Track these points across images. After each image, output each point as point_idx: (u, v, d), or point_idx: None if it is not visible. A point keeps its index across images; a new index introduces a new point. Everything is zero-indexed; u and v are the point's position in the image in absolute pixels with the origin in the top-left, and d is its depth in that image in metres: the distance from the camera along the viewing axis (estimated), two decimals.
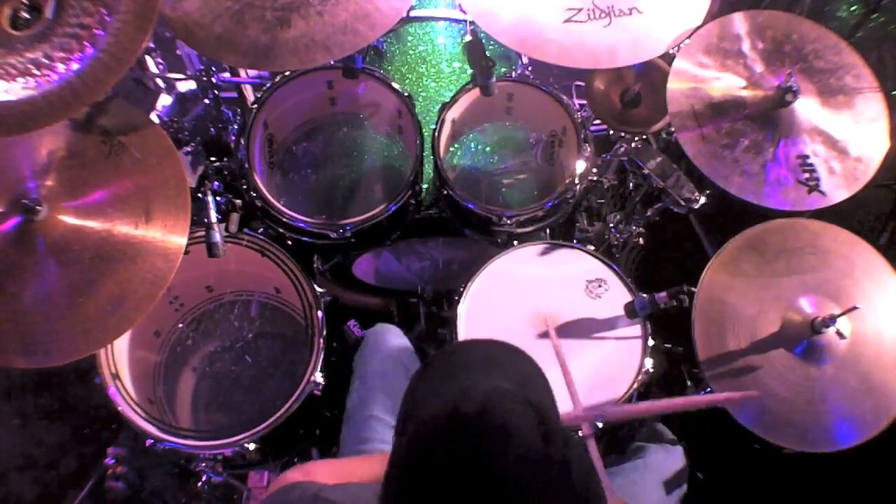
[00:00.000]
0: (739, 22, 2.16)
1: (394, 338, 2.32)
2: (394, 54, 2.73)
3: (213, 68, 2.67)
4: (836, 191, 2.05)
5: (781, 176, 2.03)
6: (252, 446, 2.12)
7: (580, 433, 1.81)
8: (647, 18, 2.10)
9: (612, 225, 2.86)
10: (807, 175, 2.02)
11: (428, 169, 2.58)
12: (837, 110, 2.11)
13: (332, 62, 2.36)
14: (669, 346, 2.67)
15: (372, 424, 2.06)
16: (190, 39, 1.95)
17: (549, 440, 0.99)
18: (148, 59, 2.93)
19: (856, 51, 2.17)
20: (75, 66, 1.75)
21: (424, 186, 2.62)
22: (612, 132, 2.60)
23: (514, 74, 2.60)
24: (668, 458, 2.10)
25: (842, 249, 2.12)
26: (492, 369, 1.11)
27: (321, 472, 1.56)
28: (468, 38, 2.34)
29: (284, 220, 2.35)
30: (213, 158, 2.74)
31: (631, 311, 2.18)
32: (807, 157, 2.04)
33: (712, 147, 2.03)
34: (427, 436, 1.02)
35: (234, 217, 2.25)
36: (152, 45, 2.91)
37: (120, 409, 2.13)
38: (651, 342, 2.20)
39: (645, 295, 2.16)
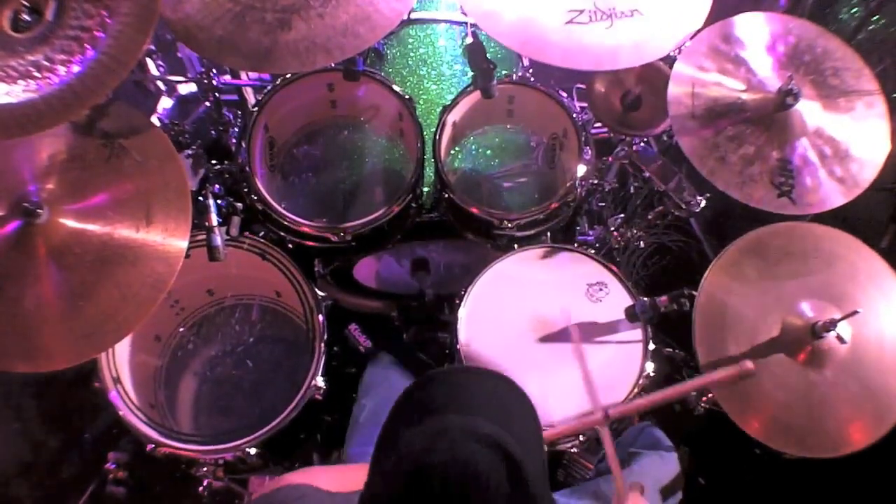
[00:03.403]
0: (744, 24, 2.16)
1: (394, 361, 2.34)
2: (394, 57, 2.72)
3: (214, 71, 2.67)
4: (837, 194, 2.05)
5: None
6: (253, 451, 2.11)
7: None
8: (649, 21, 2.09)
9: (612, 228, 2.85)
10: (782, 179, 2.02)
11: (429, 172, 2.57)
12: (838, 113, 2.10)
13: (332, 65, 2.36)
14: (670, 349, 2.67)
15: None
16: (190, 42, 1.95)
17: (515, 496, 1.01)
18: (149, 61, 2.93)
19: (857, 53, 2.17)
20: (76, 68, 1.75)
21: (425, 189, 2.61)
22: (612, 135, 2.60)
23: (515, 77, 2.60)
24: (663, 465, 2.10)
25: (844, 253, 2.11)
26: (470, 406, 1.10)
27: (322, 477, 1.55)
28: (469, 40, 2.35)
29: (285, 223, 2.35)
30: (213, 161, 2.74)
31: (632, 314, 2.18)
32: (789, 161, 2.04)
33: (712, 150, 2.03)
34: (396, 484, 1.03)
35: (235, 220, 2.25)
36: (153, 47, 2.91)
37: (121, 413, 2.13)
38: (652, 346, 2.20)
39: (646, 298, 2.15)
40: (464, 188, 2.48)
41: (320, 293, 2.31)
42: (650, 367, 2.17)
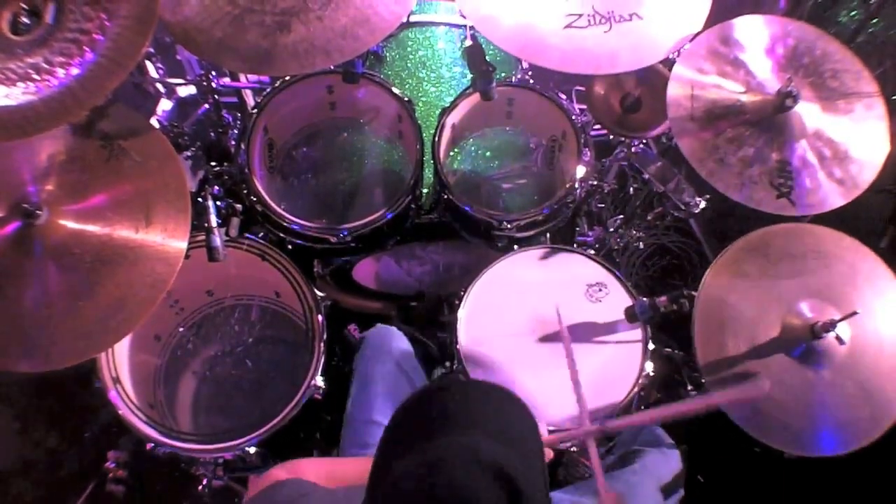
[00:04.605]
0: (743, 26, 2.16)
1: (394, 340, 2.32)
2: (394, 59, 2.73)
3: (213, 73, 2.68)
4: (837, 196, 2.05)
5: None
6: (253, 450, 2.12)
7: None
8: (648, 24, 2.10)
9: (612, 229, 2.86)
10: (781, 181, 2.02)
11: (428, 173, 2.58)
12: (837, 115, 2.11)
13: (332, 67, 2.36)
14: (670, 349, 2.67)
15: (372, 429, 2.06)
16: (190, 44, 1.95)
17: None
18: (148, 63, 2.94)
19: (856, 55, 2.17)
20: (75, 70, 1.76)
21: (424, 191, 2.62)
22: (612, 137, 2.60)
23: (514, 79, 2.60)
24: (666, 462, 2.10)
25: (845, 255, 2.11)
26: (471, 424, 1.06)
27: (309, 470, 1.55)
28: (468, 42, 2.35)
29: (285, 224, 2.35)
30: (213, 163, 2.74)
31: (631, 315, 2.18)
32: (788, 163, 2.04)
33: (712, 151, 2.03)
34: None
35: (235, 221, 2.26)
36: (152, 49, 2.91)
37: (120, 412, 2.13)
38: (651, 346, 2.20)
39: (645, 299, 2.16)
40: (463, 189, 2.49)
41: (319, 294, 2.32)
42: (650, 366, 2.17)
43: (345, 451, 2.09)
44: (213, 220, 2.09)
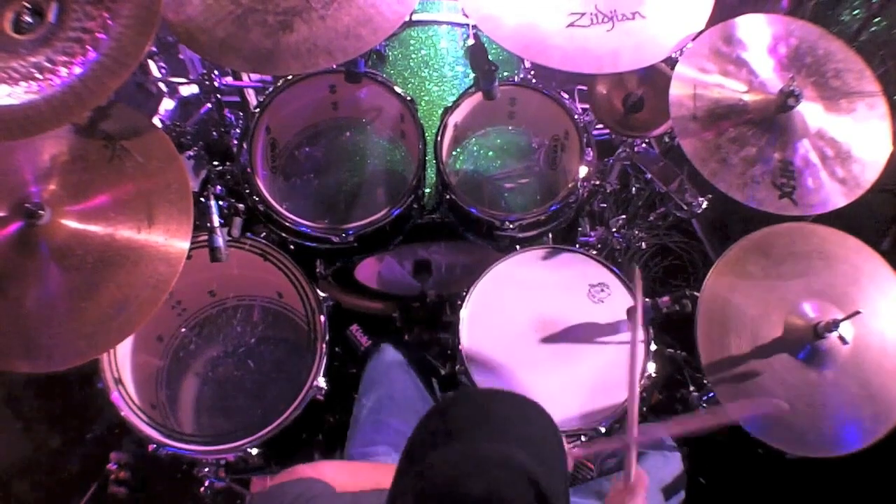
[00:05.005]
0: (746, 26, 2.16)
1: (397, 354, 2.34)
2: (396, 58, 2.72)
3: (216, 72, 2.68)
4: (839, 196, 2.04)
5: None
6: (255, 451, 2.12)
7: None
8: (650, 23, 2.10)
9: (614, 229, 2.86)
10: (783, 180, 2.02)
11: (430, 173, 2.58)
12: (840, 115, 2.10)
13: (334, 66, 2.36)
14: (672, 350, 2.67)
15: (379, 427, 2.07)
16: (192, 44, 1.95)
17: None
18: (150, 63, 2.94)
19: (859, 55, 2.17)
20: (78, 70, 1.75)
21: (427, 191, 2.62)
22: (614, 136, 2.60)
23: (516, 79, 2.60)
24: (666, 464, 2.10)
25: (848, 255, 2.11)
26: (501, 432, 1.09)
27: (330, 472, 1.55)
28: (471, 42, 2.35)
29: (287, 224, 2.35)
30: (215, 162, 2.73)
31: (634, 315, 2.18)
32: (791, 163, 2.03)
33: (714, 151, 2.03)
34: None
35: (237, 221, 2.26)
36: (155, 49, 2.92)
37: (123, 413, 2.13)
38: (653, 346, 2.20)
39: (647, 299, 2.15)
40: (465, 189, 2.48)
41: (322, 294, 2.32)
42: (652, 367, 2.17)
43: (351, 449, 2.09)
44: (216, 220, 2.09)
